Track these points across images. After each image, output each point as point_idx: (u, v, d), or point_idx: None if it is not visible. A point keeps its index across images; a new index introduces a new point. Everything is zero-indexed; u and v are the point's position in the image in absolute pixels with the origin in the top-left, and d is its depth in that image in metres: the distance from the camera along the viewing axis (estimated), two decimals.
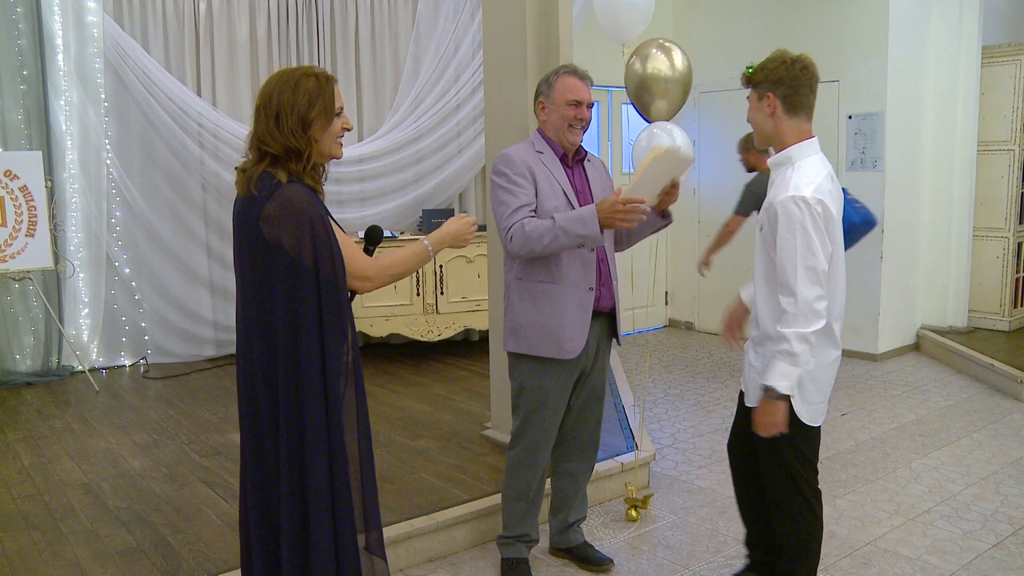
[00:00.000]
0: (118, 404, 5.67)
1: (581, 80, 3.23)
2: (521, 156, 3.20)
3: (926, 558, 3.60)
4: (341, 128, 2.40)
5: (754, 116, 2.75)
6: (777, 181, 2.69)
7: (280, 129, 2.30)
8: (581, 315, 3.19)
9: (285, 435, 2.35)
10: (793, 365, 2.56)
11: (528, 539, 3.46)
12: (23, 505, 3.93)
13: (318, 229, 2.28)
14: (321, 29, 7.13)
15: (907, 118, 7.03)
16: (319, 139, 2.35)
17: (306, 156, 2.32)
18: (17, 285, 6.18)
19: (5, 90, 6.06)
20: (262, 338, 2.36)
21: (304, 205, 2.28)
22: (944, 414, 5.62)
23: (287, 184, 2.29)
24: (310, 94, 2.32)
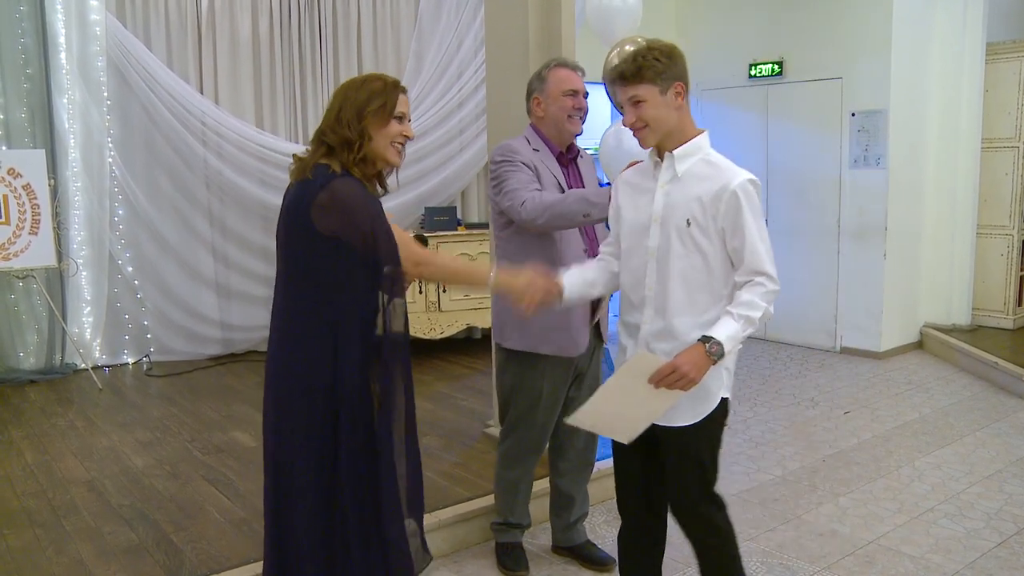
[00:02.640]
0: (121, 402, 5.68)
1: (573, 71, 3.23)
2: (522, 144, 3.21)
3: (929, 557, 3.60)
4: (400, 134, 2.39)
5: (657, 113, 2.46)
6: (700, 171, 2.48)
7: (339, 121, 2.33)
8: (584, 310, 3.20)
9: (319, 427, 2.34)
10: (744, 334, 2.41)
11: (521, 525, 3.52)
12: (27, 502, 3.93)
13: (370, 217, 2.28)
14: (324, 26, 7.12)
15: (911, 115, 7.01)
16: (373, 136, 2.35)
17: (357, 147, 2.32)
18: (21, 283, 6.19)
19: (9, 89, 6.06)
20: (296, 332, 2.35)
21: (356, 194, 2.29)
22: (947, 412, 5.61)
23: (340, 175, 2.30)
24: (372, 91, 2.36)
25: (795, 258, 7.49)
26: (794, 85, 7.36)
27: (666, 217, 2.48)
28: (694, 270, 2.47)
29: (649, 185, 2.55)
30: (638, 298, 2.56)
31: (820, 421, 5.44)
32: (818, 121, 7.23)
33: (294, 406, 2.35)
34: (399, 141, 2.40)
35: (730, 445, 5.01)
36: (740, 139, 7.80)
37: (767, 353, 7.32)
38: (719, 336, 2.37)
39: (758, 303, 2.40)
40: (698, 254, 2.46)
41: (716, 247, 2.45)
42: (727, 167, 2.49)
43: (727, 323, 2.40)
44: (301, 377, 2.34)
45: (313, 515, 2.36)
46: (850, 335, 7.22)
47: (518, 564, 3.47)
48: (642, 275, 2.53)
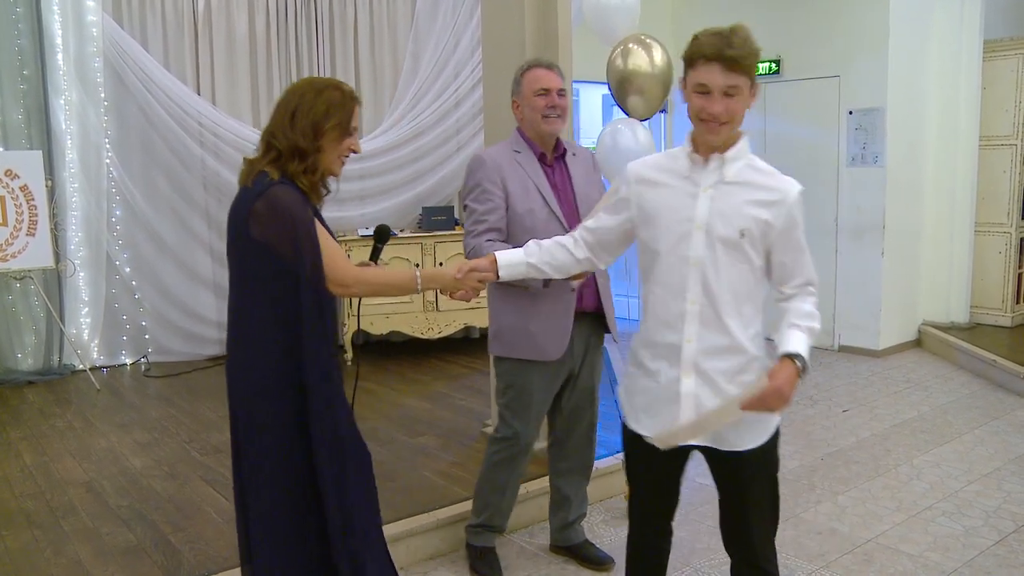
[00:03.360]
0: (119, 403, 5.67)
1: (547, 69, 3.20)
2: (494, 159, 3.17)
3: (928, 555, 3.60)
4: (348, 148, 2.41)
5: (741, 108, 2.28)
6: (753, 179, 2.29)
7: (293, 127, 2.32)
8: (562, 317, 3.17)
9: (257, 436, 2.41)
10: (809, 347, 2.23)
11: (493, 528, 3.50)
12: (25, 503, 3.93)
13: (302, 229, 2.29)
14: (320, 26, 7.12)
15: (908, 113, 7.01)
16: (326, 149, 2.35)
17: (310, 160, 2.33)
18: (18, 284, 6.19)
19: (5, 90, 6.06)
20: (242, 333, 2.40)
21: (291, 205, 2.29)
22: (946, 410, 5.61)
23: (277, 183, 2.30)
24: (330, 103, 2.34)
25: None
26: (791, 83, 7.36)
27: (712, 224, 2.23)
28: (742, 282, 2.26)
29: (686, 187, 2.28)
30: (675, 313, 2.27)
31: (819, 420, 5.44)
32: (815, 119, 7.23)
33: (254, 406, 2.39)
34: (345, 154, 2.42)
35: None
36: None
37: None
38: (803, 352, 2.19)
39: (816, 313, 2.28)
40: (746, 264, 2.26)
41: (761, 257, 2.27)
42: (778, 175, 2.31)
43: (799, 337, 2.22)
44: (254, 379, 2.38)
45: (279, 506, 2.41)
46: (848, 333, 7.22)
47: (492, 569, 3.45)
48: (682, 287, 2.26)
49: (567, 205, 3.21)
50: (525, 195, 3.14)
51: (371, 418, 5.13)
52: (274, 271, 2.31)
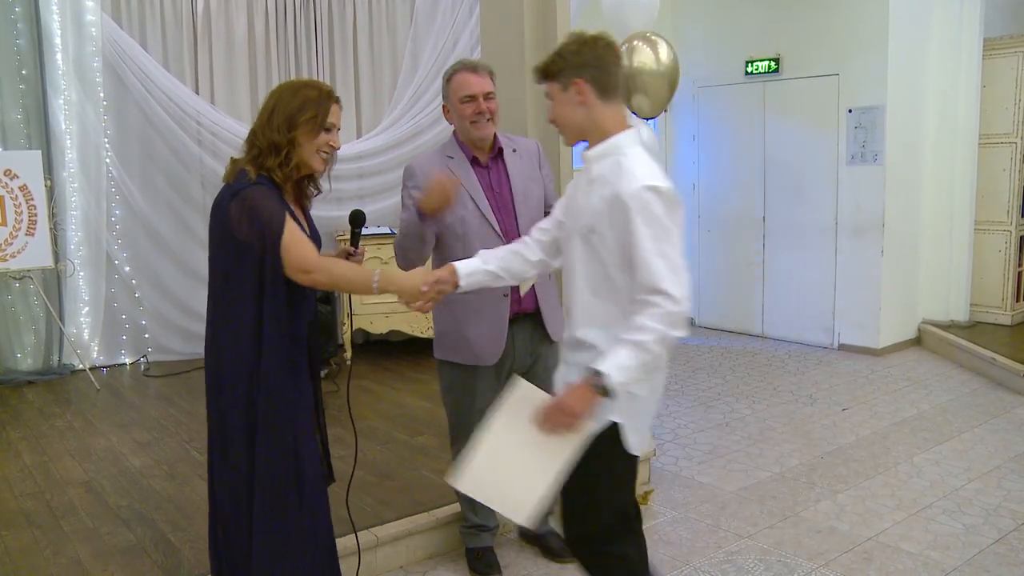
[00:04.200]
0: (119, 402, 5.67)
1: (473, 73, 3.13)
2: (423, 167, 3.16)
3: (928, 553, 3.60)
4: (327, 143, 2.46)
5: (561, 111, 2.35)
6: (607, 174, 2.28)
7: (270, 124, 2.41)
8: (497, 323, 3.17)
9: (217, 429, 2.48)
10: (641, 362, 2.15)
11: (486, 528, 3.52)
12: (24, 503, 3.93)
13: (269, 225, 2.34)
14: (319, 26, 7.12)
15: (908, 111, 7.01)
16: (302, 144, 2.42)
17: (284, 154, 2.39)
18: (17, 284, 6.18)
19: (4, 90, 6.06)
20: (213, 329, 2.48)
21: (263, 202, 2.35)
22: (946, 409, 5.61)
23: (254, 183, 2.37)
24: (305, 99, 2.42)
25: (792, 255, 7.49)
26: (791, 82, 7.35)
27: (571, 220, 2.37)
28: (597, 279, 2.30)
29: (579, 181, 2.41)
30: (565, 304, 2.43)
31: (818, 418, 5.44)
32: (815, 118, 7.22)
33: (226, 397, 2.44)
34: (325, 150, 2.47)
35: (728, 442, 5.01)
36: (737, 136, 7.80)
37: (765, 350, 7.31)
38: (605, 367, 2.13)
39: (649, 325, 2.14)
40: (598, 263, 2.29)
41: (616, 257, 2.25)
42: (630, 171, 2.24)
43: (616, 351, 2.15)
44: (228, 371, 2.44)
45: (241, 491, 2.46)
46: (848, 332, 7.22)
47: (490, 568, 3.47)
48: (568, 282, 2.40)
49: (503, 207, 3.20)
50: (458, 202, 3.08)
51: (371, 418, 5.13)
52: (250, 267, 2.38)
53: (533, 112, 4.10)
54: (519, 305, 3.23)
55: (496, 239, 3.08)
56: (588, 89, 2.30)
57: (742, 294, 7.92)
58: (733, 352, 7.27)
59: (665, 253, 2.17)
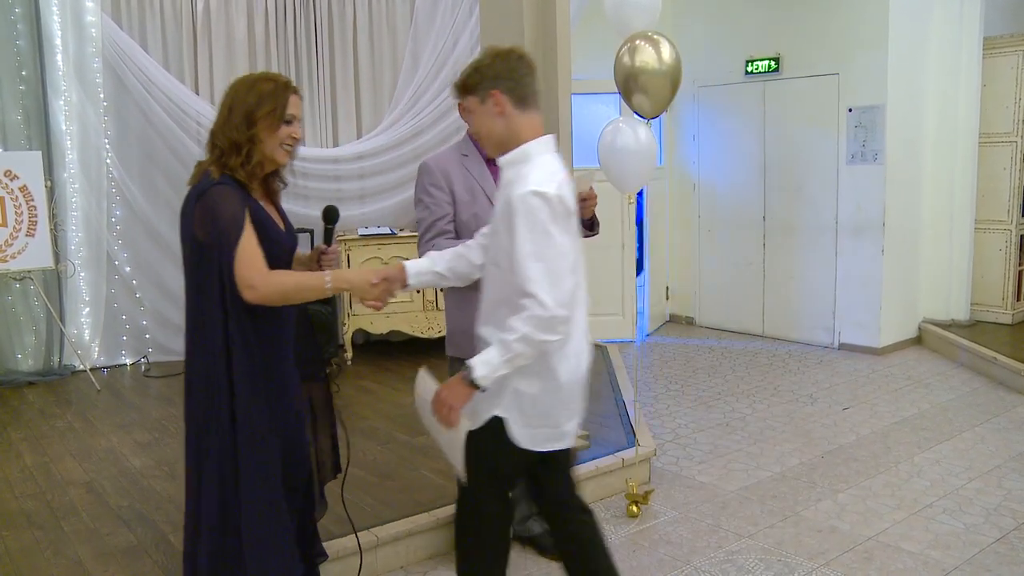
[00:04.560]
0: (119, 403, 5.68)
1: None
2: (440, 164, 3.20)
3: (928, 552, 3.59)
4: (289, 136, 2.44)
5: (481, 122, 2.47)
6: (512, 179, 2.40)
7: (229, 123, 2.39)
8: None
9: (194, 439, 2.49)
10: (503, 359, 2.29)
11: None
12: (25, 504, 3.93)
13: (228, 229, 2.33)
14: (319, 26, 7.12)
15: (908, 110, 7.01)
16: (263, 139, 2.40)
17: (246, 152, 2.38)
18: (18, 285, 6.19)
19: (5, 90, 6.06)
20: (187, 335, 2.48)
21: (224, 204, 2.34)
22: (946, 408, 5.61)
23: (217, 184, 2.36)
24: (262, 95, 2.40)
25: (792, 254, 7.49)
26: (791, 81, 7.35)
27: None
28: (493, 281, 2.48)
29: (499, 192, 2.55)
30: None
31: (819, 417, 5.44)
32: (815, 117, 7.22)
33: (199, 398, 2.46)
34: (288, 143, 2.45)
35: (729, 442, 5.01)
36: (737, 136, 7.79)
37: (765, 350, 7.31)
38: (472, 362, 2.32)
39: (516, 326, 2.27)
40: (495, 266, 2.45)
41: (506, 260, 2.36)
42: (526, 176, 2.35)
43: (486, 351, 2.34)
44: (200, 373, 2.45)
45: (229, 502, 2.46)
46: (849, 331, 7.22)
47: None
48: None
49: None
50: (471, 199, 3.16)
51: (371, 417, 5.13)
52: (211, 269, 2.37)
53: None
54: None
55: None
56: (505, 100, 2.42)
57: (742, 294, 7.92)
58: (733, 352, 7.27)
59: (544, 257, 2.27)
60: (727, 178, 7.96)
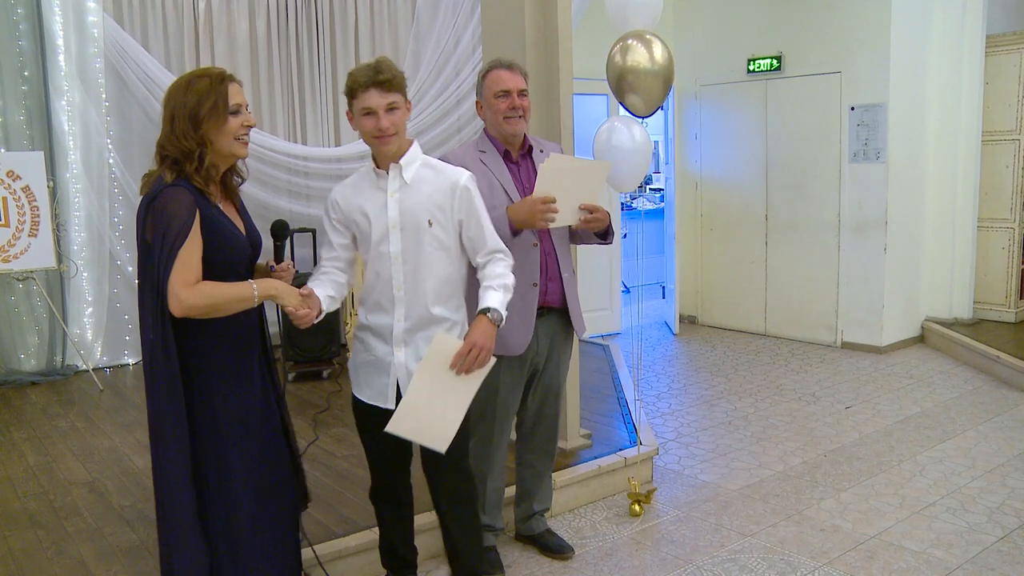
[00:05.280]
0: (122, 403, 5.68)
1: (508, 70, 3.22)
2: (460, 160, 3.20)
3: (931, 551, 3.59)
4: (241, 125, 2.40)
5: (403, 123, 2.71)
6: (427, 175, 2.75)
7: (174, 132, 2.33)
8: (525, 313, 3.21)
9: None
10: (507, 297, 2.74)
11: (493, 528, 3.53)
12: (28, 504, 3.94)
13: (169, 234, 2.28)
14: (320, 26, 7.12)
15: (910, 109, 7.00)
16: (214, 139, 2.36)
17: (198, 156, 2.33)
18: (21, 285, 6.19)
19: (7, 91, 6.07)
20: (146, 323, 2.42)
21: (172, 207, 2.29)
22: (949, 407, 5.60)
23: (170, 186, 2.31)
24: (200, 93, 2.34)
25: (795, 253, 7.49)
26: (793, 80, 7.34)
27: (404, 223, 2.70)
28: (441, 264, 2.74)
29: (375, 195, 2.74)
30: (387, 300, 2.74)
31: (821, 416, 5.44)
32: (817, 115, 7.21)
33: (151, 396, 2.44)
34: (241, 133, 2.41)
35: (731, 441, 5.00)
36: (739, 134, 7.79)
37: (768, 348, 7.31)
38: (495, 304, 2.68)
39: (508, 273, 2.77)
40: (442, 250, 2.73)
41: (453, 239, 2.76)
42: (447, 167, 2.79)
43: (493, 294, 2.70)
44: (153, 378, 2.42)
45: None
46: (851, 330, 7.21)
47: (492, 567, 3.46)
48: (388, 278, 2.72)
49: None
50: (489, 194, 3.17)
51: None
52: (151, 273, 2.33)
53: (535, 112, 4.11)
54: (544, 298, 3.29)
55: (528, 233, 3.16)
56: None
57: (745, 292, 7.91)
58: (736, 350, 7.26)
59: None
60: (729, 177, 7.96)
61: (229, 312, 2.40)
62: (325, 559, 3.18)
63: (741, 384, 6.22)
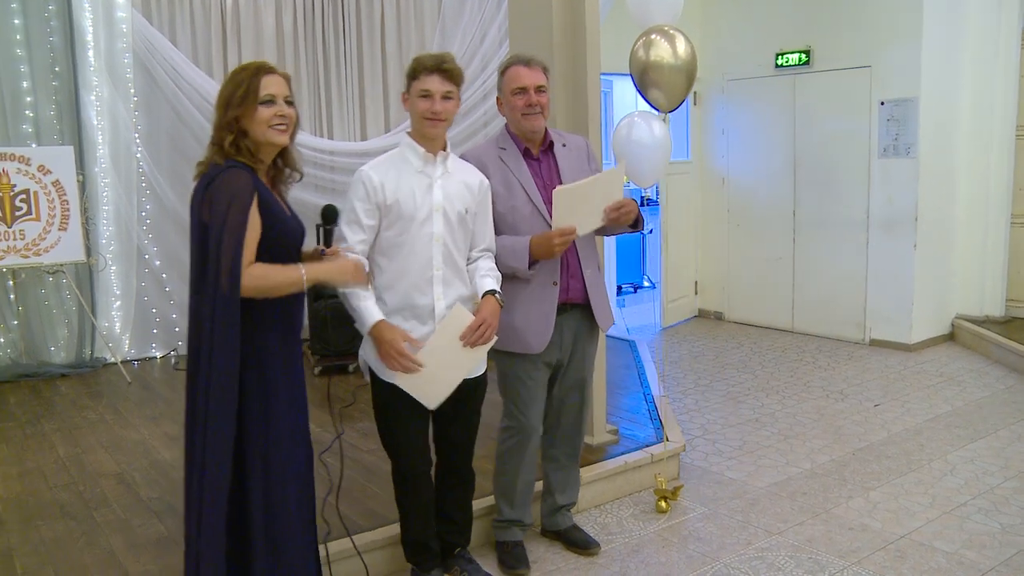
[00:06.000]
0: (149, 395, 5.73)
1: (526, 66, 3.20)
2: (478, 158, 3.20)
3: (963, 552, 3.54)
4: (274, 115, 2.46)
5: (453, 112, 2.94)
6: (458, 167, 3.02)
7: (219, 119, 2.47)
8: (545, 312, 3.21)
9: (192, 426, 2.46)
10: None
11: (522, 524, 3.53)
12: (59, 494, 3.98)
13: (230, 211, 2.35)
14: (347, 21, 7.14)
15: (942, 103, 6.89)
16: (247, 127, 2.45)
17: (231, 139, 2.43)
18: (51, 278, 6.26)
19: (38, 86, 6.14)
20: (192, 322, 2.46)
21: (233, 185, 2.38)
22: (981, 405, 5.52)
23: (225, 168, 2.41)
24: (236, 81, 2.46)
25: (823, 249, 7.41)
26: (821, 74, 7.26)
27: (447, 207, 2.90)
28: (466, 247, 3.00)
29: (419, 179, 2.89)
30: (424, 281, 2.88)
31: (849, 414, 5.38)
32: (846, 110, 7.13)
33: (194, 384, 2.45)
34: (276, 123, 2.46)
35: (758, 438, 4.97)
36: (766, 129, 7.72)
37: (795, 345, 7.24)
38: (496, 287, 2.98)
39: (496, 267, 3.07)
40: (468, 234, 3.00)
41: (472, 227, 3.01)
42: (468, 164, 3.08)
43: (492, 281, 2.99)
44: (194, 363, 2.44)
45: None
46: (879, 327, 7.13)
47: (519, 562, 3.46)
48: (428, 259, 2.88)
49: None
50: (507, 192, 3.18)
51: None
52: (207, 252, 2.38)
53: (563, 106, 4.09)
54: (567, 295, 3.28)
55: (546, 228, 3.14)
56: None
57: (772, 288, 7.84)
58: (762, 347, 7.20)
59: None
60: (757, 172, 7.89)
61: (277, 295, 2.46)
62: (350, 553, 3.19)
63: (768, 381, 6.17)
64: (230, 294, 2.33)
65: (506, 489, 3.48)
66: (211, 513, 2.39)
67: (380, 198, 2.84)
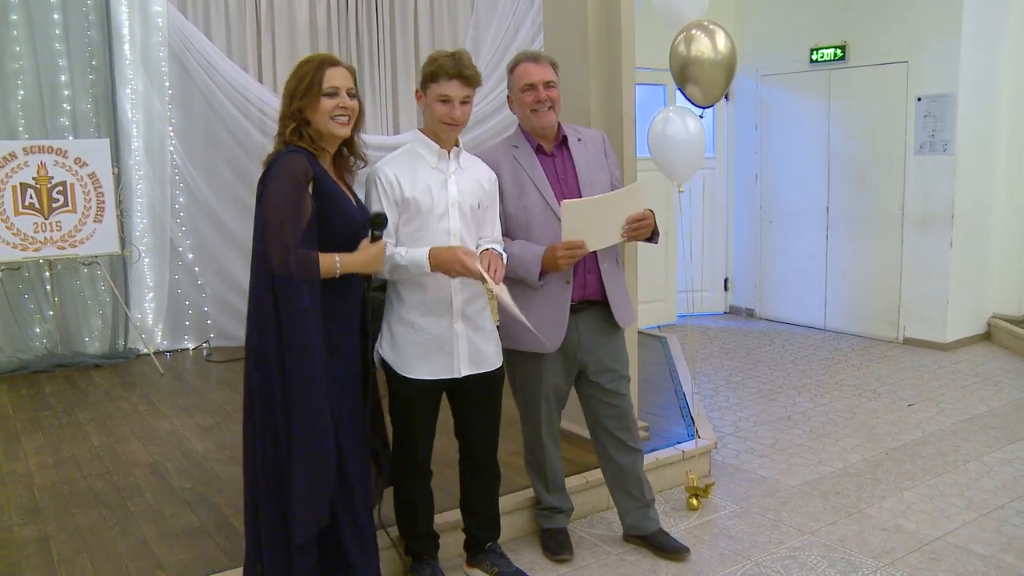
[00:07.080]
0: (182, 387, 5.78)
1: (534, 62, 3.19)
2: (489, 157, 3.19)
3: (1001, 556, 3.48)
4: (336, 107, 2.53)
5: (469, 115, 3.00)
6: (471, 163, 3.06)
7: (284, 108, 2.56)
8: (558, 311, 3.19)
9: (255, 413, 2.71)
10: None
11: (561, 510, 3.55)
12: (93, 483, 4.02)
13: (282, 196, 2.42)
14: (380, 14, 7.14)
15: (981, 99, 6.78)
16: (311, 118, 2.53)
17: (297, 121, 2.51)
18: (86, 270, 6.34)
19: (76, 80, 6.21)
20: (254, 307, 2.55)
21: (288, 168, 2.45)
22: (1018, 406, 5.43)
23: (285, 152, 2.49)
24: (300, 72, 2.55)
25: (857, 246, 7.32)
26: (857, 70, 7.17)
27: (461, 202, 2.92)
28: (474, 241, 3.00)
29: (434, 175, 2.90)
30: (442, 276, 2.85)
31: (883, 413, 5.31)
32: (882, 106, 7.03)
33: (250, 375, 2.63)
34: (337, 114, 2.54)
35: (790, 436, 4.92)
36: (801, 125, 7.64)
37: (827, 343, 7.17)
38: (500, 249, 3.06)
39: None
40: (480, 228, 3.02)
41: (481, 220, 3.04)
42: (479, 160, 3.10)
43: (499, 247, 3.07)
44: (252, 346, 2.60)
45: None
46: (913, 325, 7.04)
47: (561, 548, 3.48)
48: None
49: (569, 195, 3.20)
50: (519, 192, 3.16)
51: None
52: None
53: (597, 102, 4.06)
54: (583, 291, 3.25)
55: (558, 226, 3.09)
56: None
57: (804, 286, 7.77)
58: (795, 345, 7.14)
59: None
60: (790, 168, 7.81)
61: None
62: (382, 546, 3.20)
63: (800, 379, 6.12)
64: (283, 272, 2.40)
65: (537, 481, 3.53)
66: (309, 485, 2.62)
67: (396, 194, 2.85)
